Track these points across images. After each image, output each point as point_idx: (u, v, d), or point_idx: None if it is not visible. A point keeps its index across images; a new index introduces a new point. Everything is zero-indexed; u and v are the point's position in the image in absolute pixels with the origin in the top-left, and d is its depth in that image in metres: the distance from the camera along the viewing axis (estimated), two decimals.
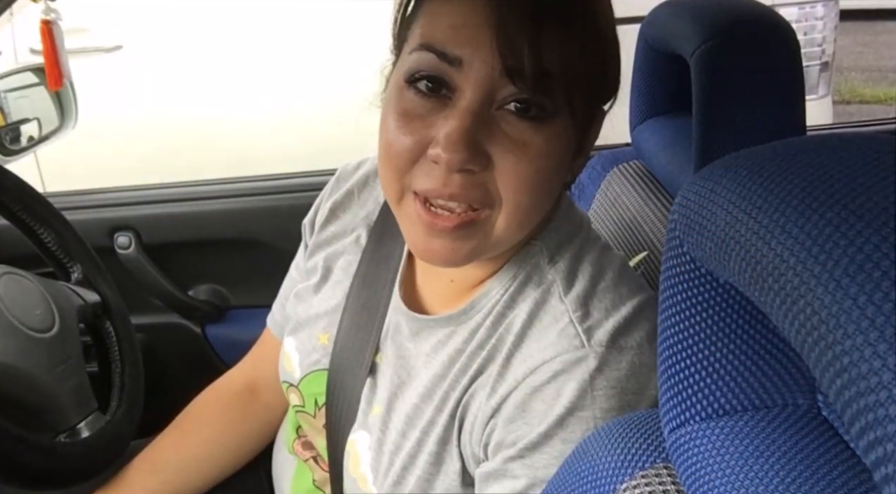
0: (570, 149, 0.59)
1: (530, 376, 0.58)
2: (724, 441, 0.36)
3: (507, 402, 0.59)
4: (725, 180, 0.33)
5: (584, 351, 0.57)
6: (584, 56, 0.56)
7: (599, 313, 0.59)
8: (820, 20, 2.47)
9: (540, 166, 0.56)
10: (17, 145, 1.23)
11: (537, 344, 0.60)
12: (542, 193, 0.59)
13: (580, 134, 0.60)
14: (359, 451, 0.71)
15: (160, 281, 1.38)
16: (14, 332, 0.79)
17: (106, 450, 0.84)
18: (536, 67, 0.53)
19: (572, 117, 0.57)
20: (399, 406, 0.68)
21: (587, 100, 0.58)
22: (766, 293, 0.29)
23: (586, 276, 0.62)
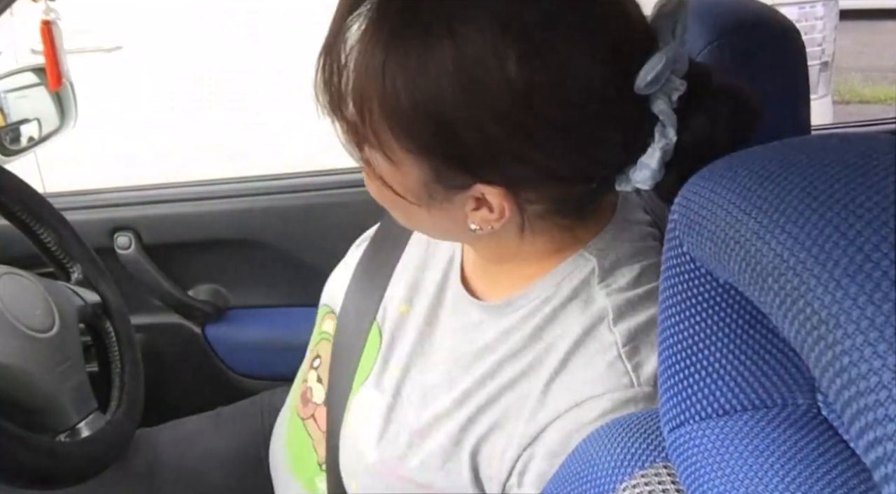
0: (405, 188, 0.56)
1: (575, 409, 0.55)
2: (724, 440, 0.36)
3: (548, 433, 0.56)
4: (725, 180, 0.33)
5: (634, 391, 0.55)
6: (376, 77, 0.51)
7: (646, 350, 0.57)
8: (820, 20, 2.47)
9: (368, 182, 0.60)
10: (17, 145, 1.23)
11: (583, 374, 0.57)
12: (393, 209, 0.61)
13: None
14: (368, 411, 0.69)
15: (160, 281, 1.38)
16: (14, 332, 0.79)
17: (106, 450, 0.84)
18: (328, 96, 0.54)
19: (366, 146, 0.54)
20: (416, 377, 0.66)
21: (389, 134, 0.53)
22: (766, 293, 0.29)
23: (641, 305, 0.58)
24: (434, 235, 0.67)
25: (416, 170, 0.55)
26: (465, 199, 0.56)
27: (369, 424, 0.67)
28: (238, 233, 1.37)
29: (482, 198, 0.55)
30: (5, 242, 1.12)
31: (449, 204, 0.57)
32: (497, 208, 0.56)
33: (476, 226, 0.58)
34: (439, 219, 0.59)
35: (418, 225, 0.63)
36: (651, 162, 0.52)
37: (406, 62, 0.50)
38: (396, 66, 0.50)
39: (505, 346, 0.61)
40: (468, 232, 0.59)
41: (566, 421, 0.56)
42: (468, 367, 0.63)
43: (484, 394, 0.61)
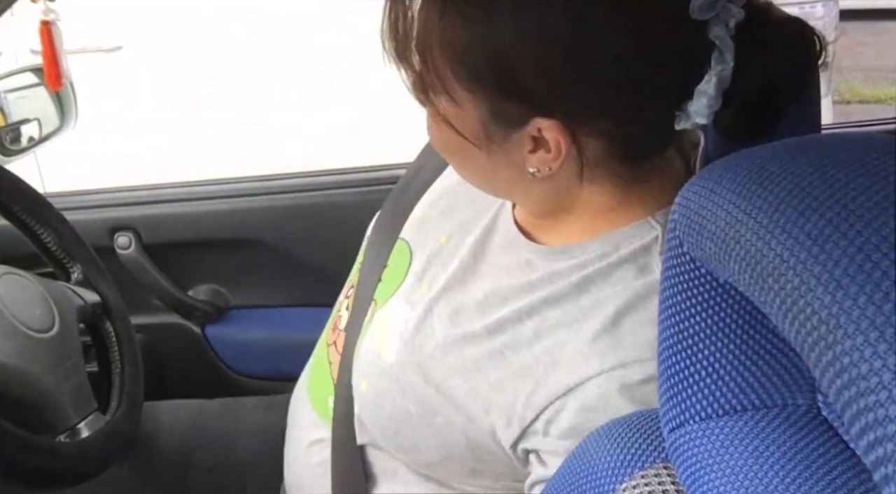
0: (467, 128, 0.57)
1: (619, 369, 0.55)
2: (724, 441, 0.36)
3: (587, 387, 0.55)
4: (725, 180, 0.33)
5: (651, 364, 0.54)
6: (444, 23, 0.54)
7: None
8: (820, 20, 2.47)
9: (433, 130, 0.61)
10: (17, 145, 1.23)
11: (633, 337, 0.55)
12: (449, 157, 0.64)
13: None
14: (395, 322, 0.69)
15: (160, 281, 1.38)
16: (14, 332, 0.79)
17: (106, 450, 0.83)
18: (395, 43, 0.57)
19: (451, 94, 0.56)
20: (452, 298, 0.66)
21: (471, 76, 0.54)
22: (766, 293, 0.29)
23: None
24: (492, 187, 0.65)
25: (475, 109, 0.56)
26: (523, 139, 0.56)
27: (394, 333, 0.67)
28: (238, 233, 1.37)
29: (539, 138, 0.55)
30: (5, 242, 1.12)
31: (507, 144, 0.57)
32: (554, 145, 0.55)
33: (534, 168, 0.57)
34: (498, 163, 0.59)
35: (478, 173, 0.63)
36: (708, 88, 0.51)
37: (468, 11, 0.52)
38: (455, 4, 0.53)
39: (550, 288, 0.60)
40: (526, 178, 0.58)
41: (609, 380, 0.55)
42: (507, 299, 0.62)
43: (519, 331, 0.60)
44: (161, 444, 1.04)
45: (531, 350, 0.59)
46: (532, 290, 0.61)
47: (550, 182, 0.59)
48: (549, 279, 0.61)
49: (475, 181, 0.65)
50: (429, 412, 0.63)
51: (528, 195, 0.63)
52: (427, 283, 0.69)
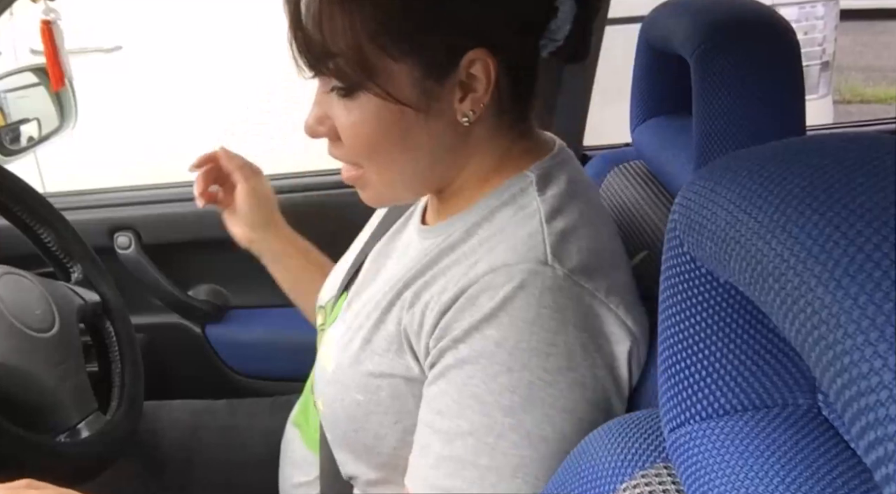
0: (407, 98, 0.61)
1: (489, 274, 0.60)
2: (724, 441, 0.36)
3: (463, 295, 0.61)
4: (725, 180, 0.33)
5: (545, 268, 0.59)
6: (306, 19, 0.60)
7: (573, 247, 0.61)
8: (820, 20, 2.47)
9: (357, 131, 0.64)
10: (17, 145, 1.23)
11: (505, 248, 0.61)
12: (378, 153, 0.65)
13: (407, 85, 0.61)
14: (333, 338, 0.74)
15: (160, 281, 1.38)
16: (14, 332, 0.79)
17: (106, 450, 0.84)
18: (299, 47, 0.61)
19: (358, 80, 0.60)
20: (367, 292, 0.73)
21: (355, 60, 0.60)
22: (767, 293, 0.29)
23: (573, 217, 0.64)
24: (422, 174, 0.68)
25: (411, 72, 0.61)
26: (454, 87, 0.62)
27: (333, 347, 0.73)
28: None
29: (466, 81, 0.62)
30: (5, 242, 1.12)
31: (442, 97, 0.62)
32: (484, 73, 0.61)
33: (468, 113, 0.63)
34: (436, 126, 0.63)
35: (418, 151, 0.65)
36: (564, 8, 0.62)
37: None
38: None
39: (445, 243, 0.66)
40: (458, 136, 0.65)
41: (478, 285, 0.60)
42: (411, 268, 0.67)
43: (422, 280, 0.66)
44: (163, 444, 1.04)
45: (432, 289, 0.64)
46: (429, 253, 0.67)
47: (476, 134, 0.66)
48: (443, 241, 0.67)
49: (411, 173, 0.67)
50: (373, 391, 0.67)
51: (459, 163, 0.68)
52: (356, 293, 0.75)
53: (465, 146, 0.66)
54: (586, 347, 0.59)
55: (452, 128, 0.64)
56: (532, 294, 0.58)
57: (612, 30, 1.22)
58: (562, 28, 0.63)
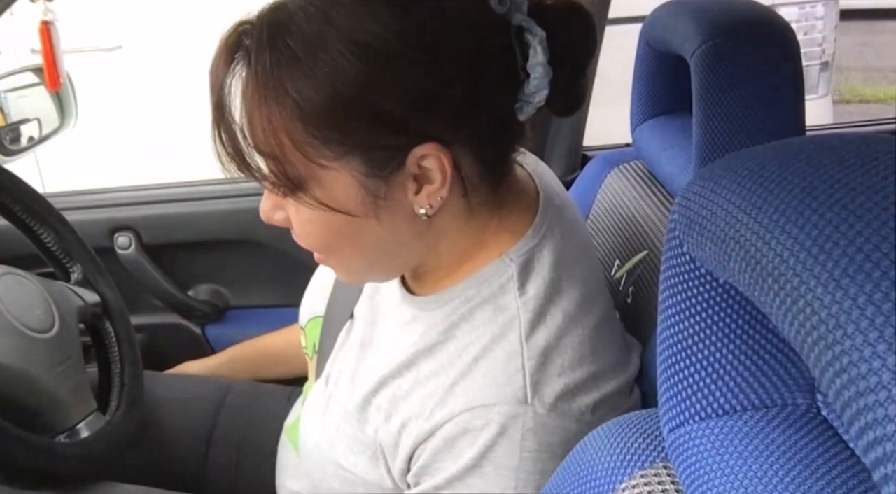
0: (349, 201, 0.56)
1: (467, 413, 0.57)
2: (724, 440, 0.36)
3: (440, 432, 0.58)
4: (725, 180, 0.33)
5: (525, 408, 0.56)
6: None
7: (554, 368, 0.58)
8: (820, 20, 2.47)
9: (307, 231, 0.60)
10: (17, 145, 1.23)
11: (483, 380, 0.58)
12: (333, 249, 0.61)
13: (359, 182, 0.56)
14: (314, 401, 0.73)
15: (160, 281, 1.38)
16: (14, 332, 0.79)
17: (105, 450, 0.83)
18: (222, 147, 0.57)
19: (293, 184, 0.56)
20: (354, 368, 0.70)
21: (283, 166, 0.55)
22: (766, 293, 0.29)
23: (555, 324, 0.60)
24: (394, 259, 0.64)
25: (350, 172, 0.55)
26: (405, 182, 0.57)
27: (314, 412, 0.72)
28: (238, 233, 1.37)
29: (420, 174, 0.56)
30: (5, 242, 1.12)
31: (392, 195, 0.57)
32: (438, 168, 0.56)
33: (425, 206, 0.58)
34: (391, 223, 0.58)
35: (376, 251, 0.62)
36: (537, 57, 0.56)
37: (300, 74, 0.52)
38: (292, 82, 0.52)
39: (423, 341, 0.63)
40: (421, 226, 0.60)
41: (455, 425, 0.57)
42: (393, 360, 0.64)
43: (398, 385, 0.62)
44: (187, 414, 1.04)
45: (410, 401, 0.61)
46: (413, 347, 0.63)
47: (442, 221, 0.60)
48: (425, 330, 0.63)
49: (376, 263, 0.64)
50: (350, 485, 0.66)
51: (423, 252, 0.63)
52: (341, 358, 0.73)
53: (429, 234, 0.61)
54: None
55: (410, 221, 0.59)
56: (514, 439, 0.56)
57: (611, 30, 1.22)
58: (538, 93, 0.58)
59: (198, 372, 1.12)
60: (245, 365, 1.13)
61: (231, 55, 0.55)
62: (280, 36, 0.53)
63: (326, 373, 0.74)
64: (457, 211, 0.60)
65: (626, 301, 0.83)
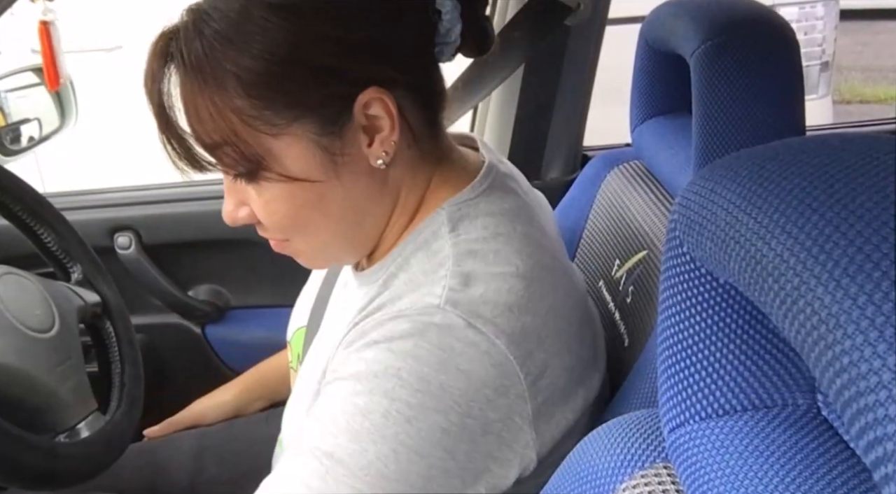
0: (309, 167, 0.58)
1: (387, 322, 0.57)
2: (724, 440, 0.36)
3: (354, 330, 0.60)
4: (725, 180, 0.33)
5: (436, 310, 0.56)
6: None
7: (476, 291, 0.57)
8: (820, 20, 2.47)
9: (273, 210, 0.61)
10: (18, 145, 1.23)
11: (408, 297, 0.59)
12: (300, 227, 0.62)
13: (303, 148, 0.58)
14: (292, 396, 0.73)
15: (160, 281, 1.38)
16: (14, 332, 0.79)
17: (105, 450, 0.83)
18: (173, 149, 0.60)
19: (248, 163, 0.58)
20: (313, 354, 0.71)
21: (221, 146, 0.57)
22: (766, 293, 0.29)
23: (486, 263, 0.59)
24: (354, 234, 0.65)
25: (305, 137, 0.57)
26: (357, 135, 0.59)
27: (290, 405, 0.72)
28: (238, 233, 1.36)
29: (368, 124, 0.59)
30: (5, 242, 1.12)
31: (348, 150, 0.59)
32: (385, 112, 0.58)
33: (381, 156, 0.60)
34: (351, 182, 0.60)
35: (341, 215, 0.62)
36: (446, 10, 0.59)
37: (233, 50, 0.55)
38: (228, 60, 0.55)
39: (367, 299, 0.63)
40: (378, 181, 0.62)
41: (372, 323, 0.58)
42: (345, 332, 0.64)
43: (345, 344, 0.62)
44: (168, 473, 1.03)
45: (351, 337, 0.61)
46: (360, 312, 0.63)
47: (396, 173, 0.62)
48: (367, 291, 0.64)
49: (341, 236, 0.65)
50: None
51: (387, 208, 0.64)
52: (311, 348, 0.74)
53: (386, 190, 0.63)
54: (466, 394, 0.54)
55: (368, 175, 0.61)
56: (417, 329, 0.55)
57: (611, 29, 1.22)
58: (452, 30, 0.60)
59: (210, 409, 1.08)
60: (260, 390, 1.10)
61: (163, 60, 0.57)
62: (205, 23, 0.56)
63: (301, 373, 0.74)
64: (407, 161, 0.63)
65: (626, 301, 0.83)
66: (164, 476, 1.02)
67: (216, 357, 1.42)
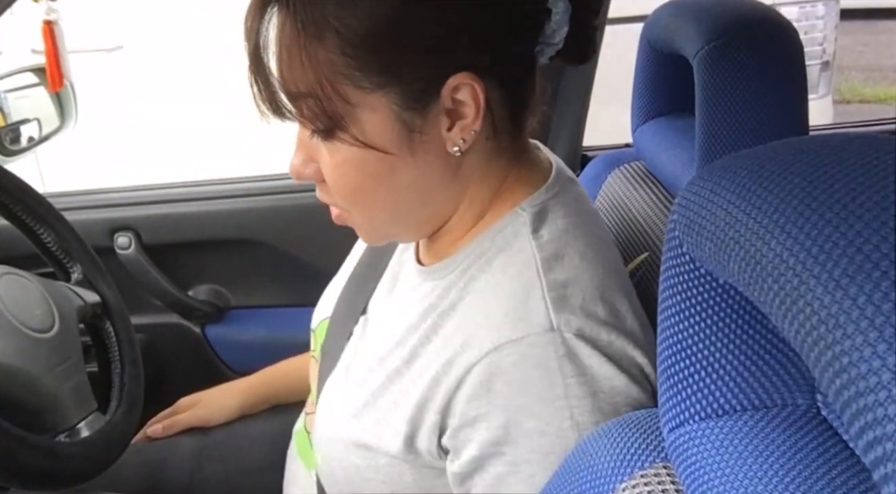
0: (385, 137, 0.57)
1: (493, 353, 0.56)
2: (724, 440, 0.36)
3: (470, 377, 0.57)
4: (725, 180, 0.33)
5: (553, 335, 0.56)
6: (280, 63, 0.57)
7: (576, 300, 0.58)
8: (820, 19, 2.47)
9: (341, 173, 0.60)
10: (17, 145, 1.23)
11: (506, 318, 0.57)
12: (364, 199, 0.61)
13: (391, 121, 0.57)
14: (332, 390, 0.72)
15: (160, 281, 1.38)
16: (14, 332, 0.79)
17: (106, 450, 0.83)
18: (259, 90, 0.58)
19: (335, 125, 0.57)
20: (371, 344, 0.70)
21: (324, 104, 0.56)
22: (766, 293, 0.29)
23: (572, 263, 0.60)
24: (417, 213, 0.64)
25: (388, 107, 0.57)
26: (439, 116, 0.58)
27: (331, 399, 0.71)
28: (238, 233, 1.37)
29: (453, 108, 0.58)
30: (5, 242, 1.12)
31: (427, 129, 0.58)
32: (471, 98, 0.57)
33: (458, 142, 0.59)
34: (424, 160, 0.59)
35: (409, 192, 0.62)
36: (558, 9, 0.58)
37: (338, 4, 0.54)
38: (333, 13, 0.54)
39: (446, 301, 0.63)
40: (451, 167, 0.61)
41: (486, 366, 0.56)
42: (417, 326, 0.64)
43: (431, 350, 0.62)
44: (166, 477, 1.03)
45: (438, 361, 0.60)
46: (433, 310, 0.63)
47: (470, 163, 0.62)
48: (444, 293, 0.63)
49: (404, 213, 0.64)
50: (372, 459, 0.64)
51: (456, 195, 0.64)
52: (357, 344, 0.73)
53: (458, 178, 0.62)
54: (616, 396, 0.56)
55: (442, 160, 0.60)
56: (551, 368, 0.55)
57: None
58: (558, 31, 0.59)
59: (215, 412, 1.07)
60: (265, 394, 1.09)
61: (265, 4, 0.56)
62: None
63: (346, 364, 0.73)
64: (483, 152, 0.62)
65: None
66: (163, 476, 1.02)
67: (216, 357, 1.42)
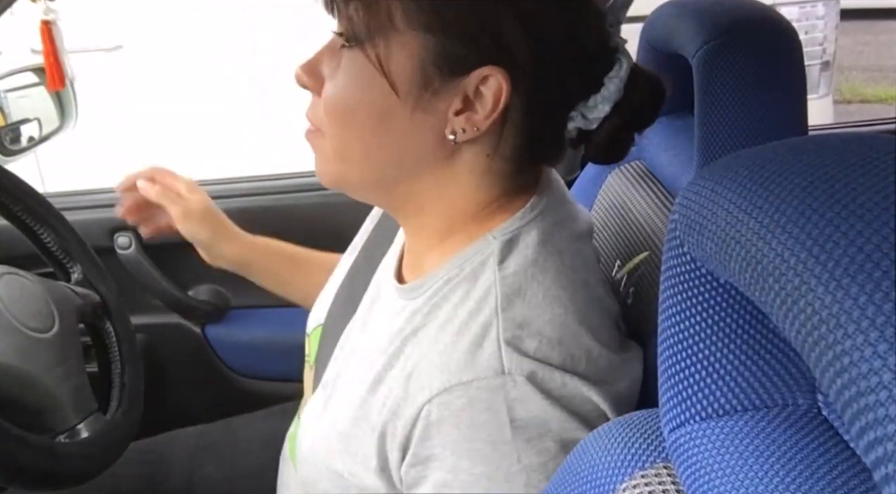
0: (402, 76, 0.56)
1: (445, 394, 0.55)
2: (724, 441, 0.36)
3: (422, 417, 0.56)
4: (726, 180, 0.33)
5: (503, 379, 0.54)
6: None
7: (531, 342, 0.56)
8: (821, 19, 2.47)
9: (339, 87, 0.58)
10: (17, 145, 1.23)
11: (460, 356, 0.56)
12: (348, 123, 0.59)
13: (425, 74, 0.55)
14: (313, 406, 0.71)
15: (160, 281, 1.38)
16: (14, 332, 0.79)
17: (105, 451, 0.83)
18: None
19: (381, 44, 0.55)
20: (350, 362, 0.69)
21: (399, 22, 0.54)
22: (767, 293, 0.29)
23: (535, 301, 0.57)
24: (381, 171, 0.62)
25: (419, 50, 0.55)
26: (456, 93, 0.56)
27: (312, 417, 0.70)
28: None
29: (473, 97, 0.56)
30: (5, 242, 1.12)
31: (439, 95, 0.56)
32: (493, 96, 0.56)
33: (457, 129, 0.57)
34: (417, 124, 0.58)
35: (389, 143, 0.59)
36: (616, 77, 0.57)
37: None
38: None
39: (409, 326, 0.61)
40: (438, 153, 0.59)
41: (437, 407, 0.55)
42: (384, 351, 0.62)
43: (392, 377, 0.60)
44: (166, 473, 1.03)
45: (397, 391, 0.59)
46: (400, 334, 0.62)
47: (458, 163, 0.60)
48: (411, 317, 0.62)
49: (373, 162, 0.61)
50: (344, 488, 0.64)
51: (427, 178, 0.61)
52: (338, 359, 0.72)
53: (442, 169, 0.60)
54: (567, 439, 0.54)
55: (435, 137, 0.58)
56: (500, 411, 0.54)
57: None
58: (598, 107, 0.58)
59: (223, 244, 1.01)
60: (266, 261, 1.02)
61: None
62: None
63: (325, 380, 0.72)
64: (477, 164, 0.60)
65: (627, 302, 0.83)
66: (163, 476, 1.02)
67: (216, 357, 1.42)
